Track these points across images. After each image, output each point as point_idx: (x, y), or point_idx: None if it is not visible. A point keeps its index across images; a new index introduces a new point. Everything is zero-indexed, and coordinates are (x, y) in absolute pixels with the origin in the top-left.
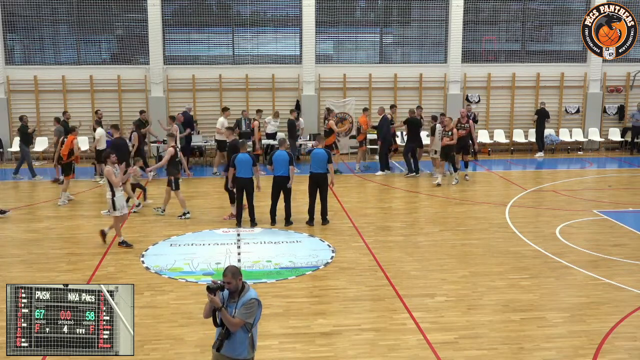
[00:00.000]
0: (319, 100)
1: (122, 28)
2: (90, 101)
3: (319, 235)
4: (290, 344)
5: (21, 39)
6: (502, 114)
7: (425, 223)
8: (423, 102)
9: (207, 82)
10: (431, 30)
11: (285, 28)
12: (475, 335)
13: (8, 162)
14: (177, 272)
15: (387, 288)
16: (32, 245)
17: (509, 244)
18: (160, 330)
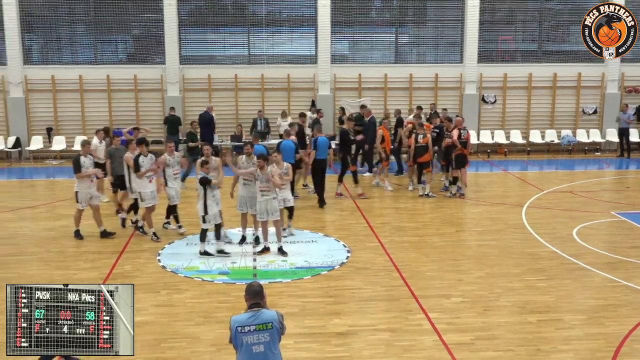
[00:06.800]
0: (334, 100)
1: (138, 28)
2: (107, 101)
3: (334, 235)
4: (305, 344)
5: (39, 38)
6: (519, 115)
7: (441, 224)
8: (439, 103)
9: (223, 82)
10: (447, 30)
11: (300, 28)
12: (491, 336)
13: (26, 160)
14: (193, 271)
15: (402, 288)
16: (50, 243)
17: (526, 245)
18: (177, 328)
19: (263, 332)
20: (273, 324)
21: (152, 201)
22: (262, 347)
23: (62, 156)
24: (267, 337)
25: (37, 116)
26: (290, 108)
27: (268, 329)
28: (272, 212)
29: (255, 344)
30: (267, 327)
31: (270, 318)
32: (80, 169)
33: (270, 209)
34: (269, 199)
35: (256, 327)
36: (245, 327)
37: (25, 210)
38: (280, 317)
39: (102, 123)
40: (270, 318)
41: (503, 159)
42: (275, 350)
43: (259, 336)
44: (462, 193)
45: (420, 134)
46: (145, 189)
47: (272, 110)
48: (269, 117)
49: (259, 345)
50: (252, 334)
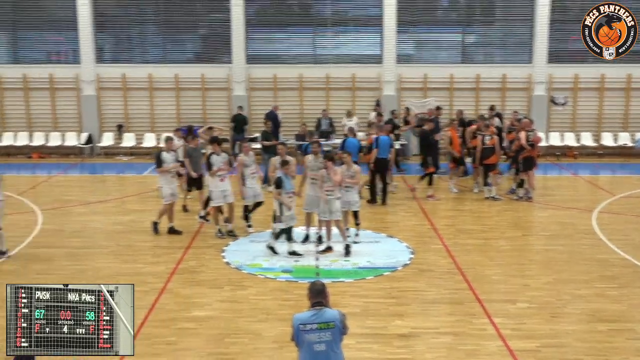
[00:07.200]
0: (399, 100)
1: (206, 27)
2: (175, 99)
3: (397, 236)
4: (367, 344)
5: (111, 38)
6: (590, 117)
7: (507, 227)
8: (506, 104)
9: (288, 81)
10: (516, 29)
11: (366, 28)
12: (558, 344)
13: (98, 156)
14: (256, 268)
15: (466, 292)
16: (119, 237)
17: (596, 251)
18: (240, 324)
19: (325, 331)
20: (335, 323)
21: (221, 200)
22: (324, 346)
23: (131, 152)
24: (329, 336)
25: (108, 113)
26: (355, 108)
27: (330, 328)
28: (334, 211)
29: (316, 343)
30: (329, 326)
31: (333, 317)
32: (162, 164)
33: (332, 209)
34: (332, 199)
35: (318, 325)
36: (308, 326)
37: (96, 204)
38: (342, 317)
39: (170, 121)
40: (332, 317)
41: (573, 161)
42: (337, 349)
43: (321, 335)
44: (529, 196)
45: (487, 136)
46: (215, 187)
47: (336, 110)
48: (333, 116)
49: (321, 344)
50: (314, 333)
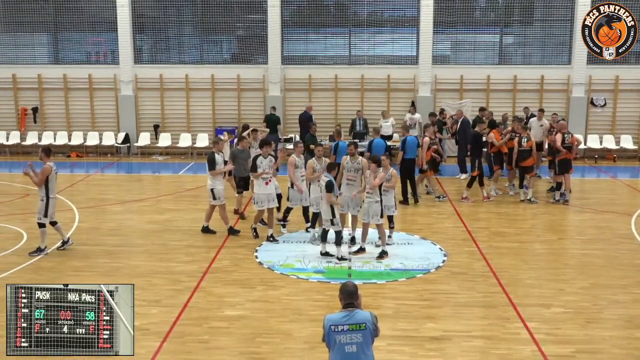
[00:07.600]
0: (435, 102)
1: (242, 28)
2: (211, 99)
3: (431, 239)
4: (398, 347)
5: (149, 39)
6: (631, 119)
7: (542, 230)
8: (544, 105)
9: (323, 82)
10: (555, 30)
11: (402, 28)
12: (594, 350)
13: (134, 156)
14: (288, 269)
15: (500, 295)
16: (154, 235)
17: (635, 256)
18: (271, 324)
19: (356, 333)
20: (367, 324)
21: (265, 204)
22: (355, 348)
23: (167, 152)
24: (360, 338)
25: (145, 113)
26: (390, 109)
27: (361, 329)
28: (373, 215)
29: (348, 344)
30: (361, 328)
31: (364, 319)
32: (215, 167)
33: (371, 212)
34: (371, 201)
35: (349, 327)
36: (339, 327)
37: (132, 203)
38: (374, 319)
39: (206, 121)
40: (363, 319)
41: (612, 165)
42: (367, 351)
43: (352, 336)
44: (566, 199)
45: (524, 137)
46: (259, 190)
47: (371, 111)
48: (367, 117)
49: (352, 345)
50: (345, 334)
